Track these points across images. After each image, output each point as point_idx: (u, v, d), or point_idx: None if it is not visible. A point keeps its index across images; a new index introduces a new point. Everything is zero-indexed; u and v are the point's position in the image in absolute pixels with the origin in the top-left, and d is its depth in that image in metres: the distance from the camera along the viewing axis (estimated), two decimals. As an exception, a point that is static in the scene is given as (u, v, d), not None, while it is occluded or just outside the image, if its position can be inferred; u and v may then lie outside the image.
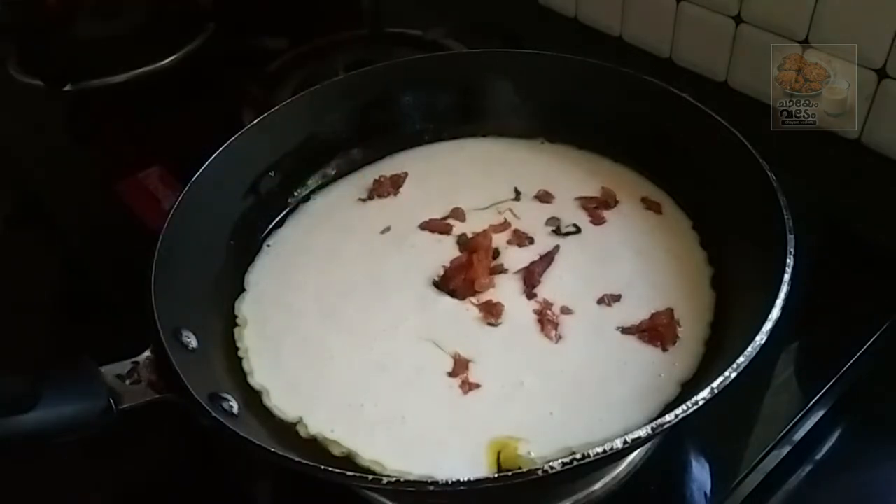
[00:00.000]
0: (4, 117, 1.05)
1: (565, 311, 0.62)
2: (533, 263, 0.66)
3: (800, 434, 0.60)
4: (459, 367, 0.58)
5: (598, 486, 0.57)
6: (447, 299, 0.64)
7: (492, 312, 0.62)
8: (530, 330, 0.61)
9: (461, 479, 0.42)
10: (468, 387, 0.57)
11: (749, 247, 0.60)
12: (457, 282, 0.64)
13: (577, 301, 0.63)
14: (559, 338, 0.60)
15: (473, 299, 0.63)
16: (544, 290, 0.64)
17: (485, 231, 0.69)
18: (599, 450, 0.42)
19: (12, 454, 0.51)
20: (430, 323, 0.62)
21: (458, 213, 0.72)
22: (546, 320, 0.61)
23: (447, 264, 0.66)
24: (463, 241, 0.69)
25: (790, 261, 0.51)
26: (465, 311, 0.63)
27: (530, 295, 0.63)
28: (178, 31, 1.08)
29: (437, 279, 0.66)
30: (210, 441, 0.57)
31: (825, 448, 0.60)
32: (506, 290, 0.64)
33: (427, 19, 1.06)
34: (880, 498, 0.58)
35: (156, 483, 0.61)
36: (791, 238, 0.53)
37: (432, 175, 0.77)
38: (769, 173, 0.58)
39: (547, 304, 0.62)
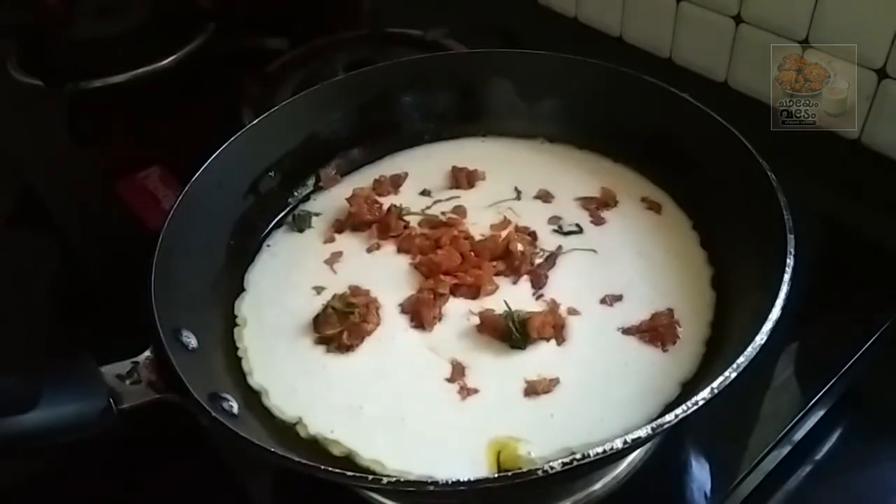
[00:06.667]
0: (4, 117, 1.05)
1: (572, 311, 0.62)
2: (536, 265, 0.66)
3: (800, 434, 0.60)
4: (457, 372, 0.58)
5: (598, 486, 0.57)
6: (448, 302, 0.64)
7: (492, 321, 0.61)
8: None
9: (461, 479, 0.42)
10: (466, 392, 0.57)
11: (749, 247, 0.60)
12: (460, 287, 0.64)
13: (579, 302, 0.62)
14: (563, 340, 0.60)
15: (475, 303, 0.63)
16: (548, 292, 0.63)
17: (493, 236, 0.68)
18: (599, 450, 0.42)
19: (12, 454, 0.51)
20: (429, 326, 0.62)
21: (459, 213, 0.72)
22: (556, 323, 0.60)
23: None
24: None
25: (790, 261, 0.51)
26: (467, 320, 0.62)
27: (538, 296, 0.63)
28: (178, 31, 1.08)
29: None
30: (210, 441, 0.57)
31: (825, 448, 0.60)
32: (509, 291, 0.64)
33: (427, 19, 1.06)
34: (880, 498, 0.58)
35: (156, 483, 0.61)
36: (791, 238, 0.53)
37: (432, 175, 0.77)
38: (769, 173, 0.58)
39: (555, 305, 0.62)
